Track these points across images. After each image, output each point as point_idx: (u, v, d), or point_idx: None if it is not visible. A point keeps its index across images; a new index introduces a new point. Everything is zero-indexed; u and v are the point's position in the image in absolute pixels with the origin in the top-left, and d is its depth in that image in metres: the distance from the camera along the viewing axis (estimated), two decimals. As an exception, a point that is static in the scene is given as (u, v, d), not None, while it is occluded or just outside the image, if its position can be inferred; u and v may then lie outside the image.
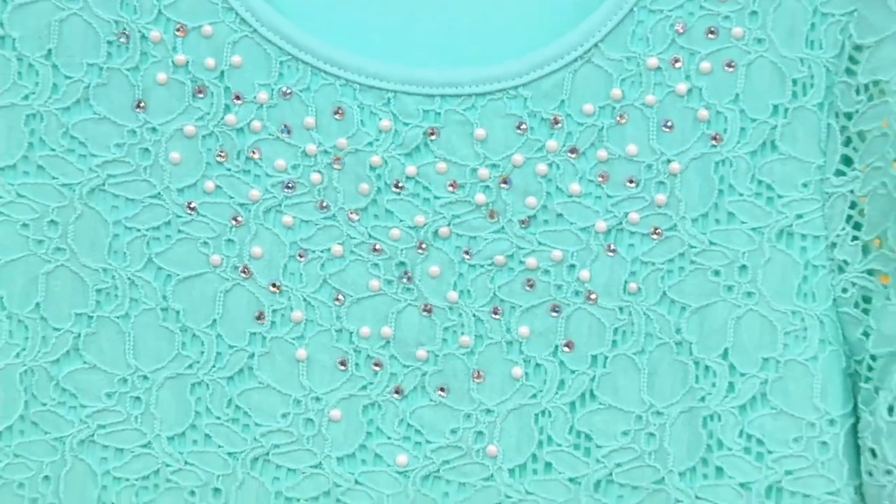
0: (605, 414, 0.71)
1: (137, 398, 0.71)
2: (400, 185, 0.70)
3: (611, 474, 0.71)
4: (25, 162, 0.70)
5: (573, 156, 0.70)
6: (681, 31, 0.70)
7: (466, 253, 0.70)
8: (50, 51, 0.69)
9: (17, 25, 0.69)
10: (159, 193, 0.70)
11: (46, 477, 0.71)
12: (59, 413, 0.71)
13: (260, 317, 0.71)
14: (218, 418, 0.71)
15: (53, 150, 0.70)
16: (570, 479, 0.71)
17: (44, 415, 0.71)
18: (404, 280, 0.71)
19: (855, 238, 0.70)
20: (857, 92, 0.69)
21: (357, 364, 0.71)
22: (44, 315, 0.70)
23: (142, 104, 0.70)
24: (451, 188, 0.70)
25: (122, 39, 0.69)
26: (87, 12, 0.69)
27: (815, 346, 0.71)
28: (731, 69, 0.70)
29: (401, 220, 0.70)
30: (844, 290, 0.71)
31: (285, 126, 0.70)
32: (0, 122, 0.70)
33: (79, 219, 0.70)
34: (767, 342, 0.71)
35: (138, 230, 0.70)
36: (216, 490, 0.71)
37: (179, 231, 0.70)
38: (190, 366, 0.71)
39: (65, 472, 0.71)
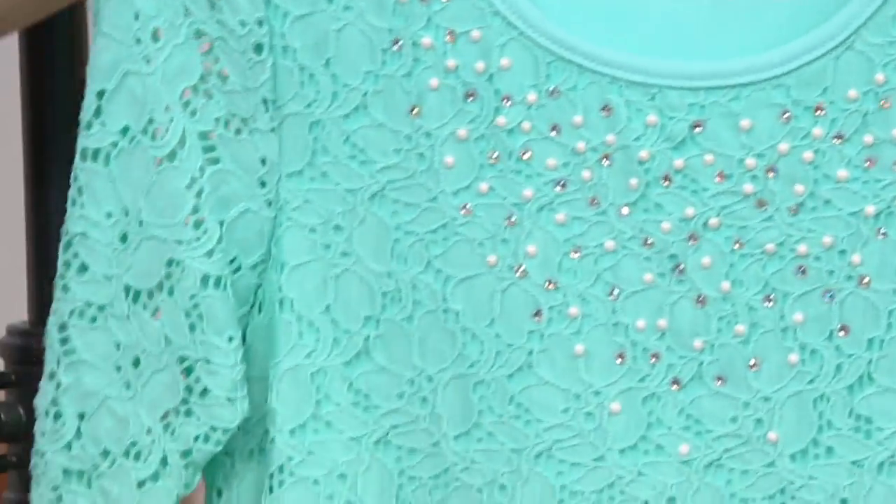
0: (884, 397, 0.71)
1: (424, 399, 0.72)
2: (668, 178, 0.71)
3: (893, 456, 0.71)
4: (310, 168, 0.72)
5: (839, 142, 0.71)
6: (943, 12, 0.71)
7: (737, 242, 0.71)
8: (328, 60, 0.71)
9: (297, 36, 0.71)
10: (436, 197, 0.71)
11: (342, 475, 0.72)
12: (354, 414, 0.72)
13: (537, 314, 0.71)
14: (500, 416, 0.71)
15: (336, 156, 0.72)
16: (853, 463, 0.71)
17: (338, 415, 0.72)
18: (677, 272, 0.71)
19: None
20: None
21: (634, 357, 0.71)
22: (334, 318, 0.72)
23: (416, 110, 0.71)
24: (718, 179, 0.71)
25: (396, 47, 0.71)
26: (361, 22, 0.71)
27: None
28: None
29: (670, 213, 0.71)
30: None
31: (554, 125, 0.71)
32: (286, 129, 0.72)
33: (362, 223, 0.72)
34: None
35: (416, 234, 0.71)
36: (502, 487, 0.71)
37: (456, 233, 0.71)
38: (471, 365, 0.71)
39: (362, 470, 0.72)
